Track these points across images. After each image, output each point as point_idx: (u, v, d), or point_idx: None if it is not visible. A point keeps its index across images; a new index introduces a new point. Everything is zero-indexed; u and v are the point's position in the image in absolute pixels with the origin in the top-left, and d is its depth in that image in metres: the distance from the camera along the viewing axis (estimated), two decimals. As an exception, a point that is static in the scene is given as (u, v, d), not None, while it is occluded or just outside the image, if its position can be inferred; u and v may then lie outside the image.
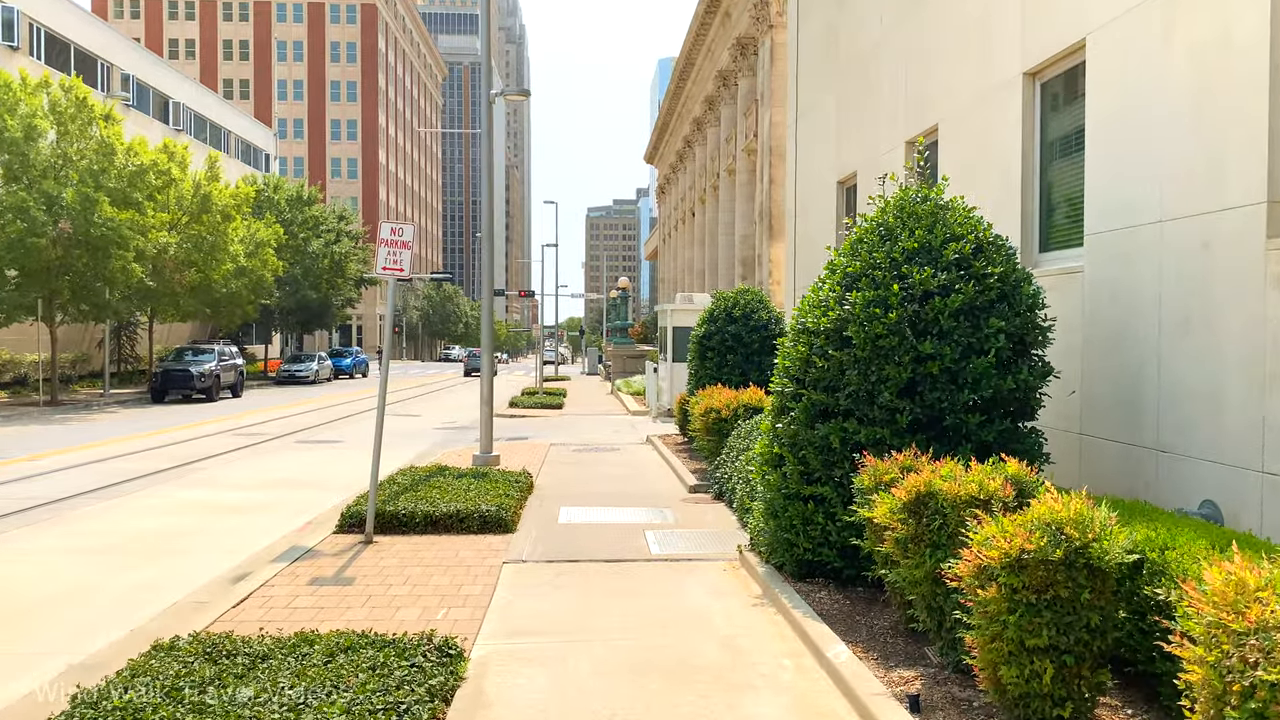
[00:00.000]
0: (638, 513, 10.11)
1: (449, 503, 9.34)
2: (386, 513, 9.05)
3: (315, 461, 16.12)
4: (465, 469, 11.74)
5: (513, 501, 9.66)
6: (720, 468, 11.11)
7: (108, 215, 27.81)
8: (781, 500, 6.78)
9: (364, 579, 7.28)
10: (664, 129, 58.53)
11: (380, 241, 8.66)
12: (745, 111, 31.75)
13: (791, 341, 6.84)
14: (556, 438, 19.24)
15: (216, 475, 14.15)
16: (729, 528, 9.33)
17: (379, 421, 9.04)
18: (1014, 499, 4.66)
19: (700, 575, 7.45)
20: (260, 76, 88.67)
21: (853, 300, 6.38)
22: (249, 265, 39.62)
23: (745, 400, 11.76)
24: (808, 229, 16.34)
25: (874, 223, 6.84)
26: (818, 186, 15.60)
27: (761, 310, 15.34)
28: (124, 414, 26.88)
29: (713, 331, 15.21)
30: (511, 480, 10.91)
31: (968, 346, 6.21)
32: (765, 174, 26.78)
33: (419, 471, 11.58)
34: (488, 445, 14.21)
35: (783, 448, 6.77)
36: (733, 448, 10.98)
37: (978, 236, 6.54)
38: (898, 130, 11.81)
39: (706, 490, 11.34)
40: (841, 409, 6.43)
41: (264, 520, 10.48)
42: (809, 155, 16.32)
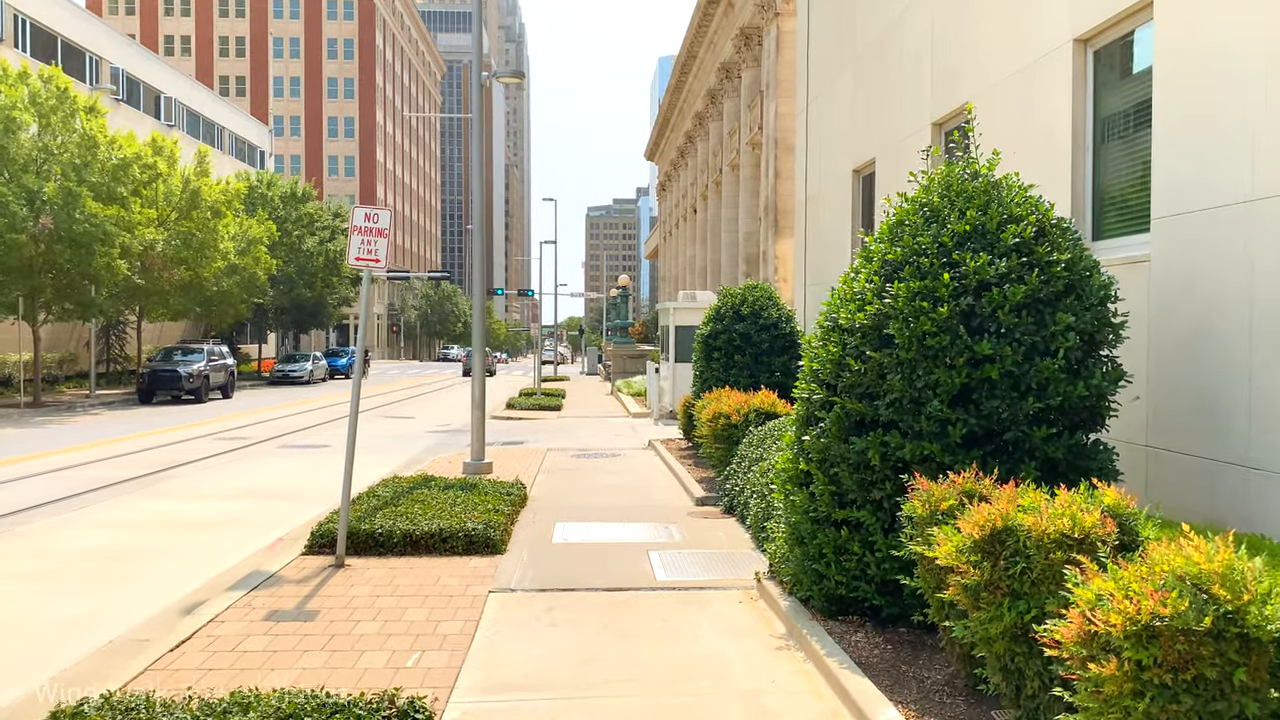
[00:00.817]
0: (640, 529, 9.17)
1: (431, 520, 8.41)
2: (361, 532, 8.12)
3: (297, 468, 15.18)
4: (453, 479, 10.81)
5: (502, 518, 8.73)
6: (730, 478, 10.18)
7: (90, 210, 26.88)
8: (809, 525, 5.84)
9: (328, 612, 6.35)
10: (665, 124, 57.55)
11: (353, 229, 7.73)
12: (749, 104, 30.79)
13: (820, 340, 5.91)
14: (554, 442, 18.32)
15: (189, 484, 13.23)
16: (742, 547, 8.40)
17: (351, 433, 8.12)
18: (1116, 537, 3.72)
19: (714, 608, 6.52)
20: (256, 73, 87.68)
21: (895, 292, 5.45)
22: (241, 263, 38.69)
23: (757, 405, 10.83)
24: (819, 222, 15.41)
25: (916, 203, 5.91)
26: (831, 176, 14.67)
27: (771, 308, 14.40)
28: (107, 416, 25.96)
29: (719, 330, 14.27)
30: (502, 492, 9.98)
31: (1031, 347, 5.28)
32: (771, 167, 25.83)
33: (402, 482, 10.65)
34: (479, 452, 13.28)
35: (810, 464, 5.84)
36: (744, 456, 10.05)
37: (1039, 218, 5.61)
38: (923, 112, 10.88)
39: (715, 503, 10.41)
40: (881, 419, 5.49)
41: (231, 537, 9.55)
42: (821, 144, 15.40)
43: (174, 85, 49.49)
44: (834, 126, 14.65)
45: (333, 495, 12.07)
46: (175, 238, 33.23)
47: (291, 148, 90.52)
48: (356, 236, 7.70)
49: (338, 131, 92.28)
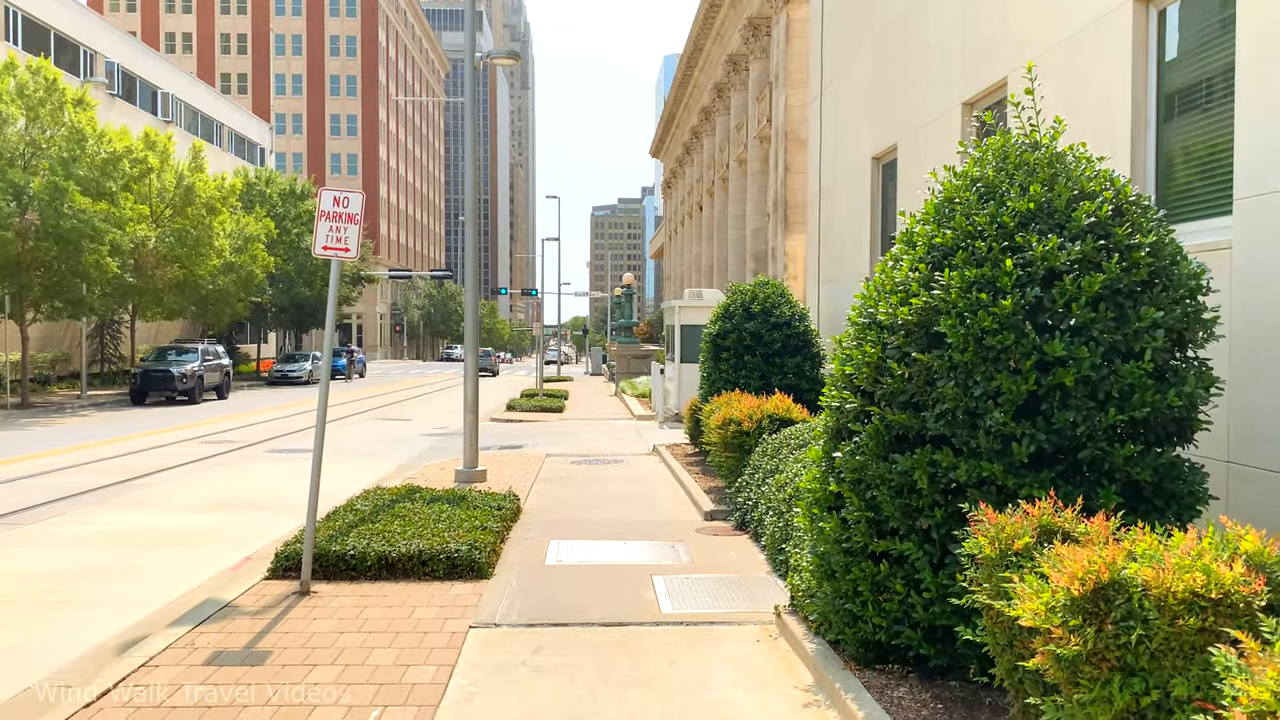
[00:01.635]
0: (644, 548, 8.31)
1: (411, 539, 7.55)
2: (331, 554, 7.26)
3: (282, 475, 14.34)
4: (441, 490, 9.95)
5: (490, 536, 7.86)
6: (742, 490, 9.31)
7: (79, 206, 26.07)
8: (841, 556, 4.97)
9: (282, 654, 5.49)
10: (670, 120, 56.63)
11: (320, 215, 6.87)
12: (758, 96, 29.89)
13: (854, 340, 5.03)
14: (554, 446, 17.46)
15: (163, 493, 12.39)
16: (757, 570, 7.52)
17: (317, 448, 7.26)
18: (1266, 597, 2.84)
19: (728, 648, 5.65)
20: (258, 71, 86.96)
21: (946, 282, 4.57)
22: (237, 261, 37.92)
23: (771, 410, 9.95)
24: (834, 214, 14.53)
25: (967, 178, 5.03)
26: (848, 165, 13.78)
27: (784, 305, 13.52)
28: (96, 418, 25.17)
29: (728, 329, 13.39)
30: (493, 506, 9.11)
31: (1111, 347, 4.40)
32: (780, 161, 24.95)
33: (385, 494, 9.78)
34: (472, 459, 12.43)
35: (843, 485, 4.97)
36: (757, 467, 9.17)
37: (1115, 194, 4.73)
38: (951, 92, 10.00)
39: (725, 517, 9.53)
40: (930, 434, 4.62)
41: (196, 555, 8.71)
42: (836, 132, 14.52)
43: (172, 81, 48.73)
44: (851, 113, 13.77)
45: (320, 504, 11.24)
46: (169, 235, 32.46)
47: (294, 145, 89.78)
48: (324, 223, 6.85)
49: (340, 129, 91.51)
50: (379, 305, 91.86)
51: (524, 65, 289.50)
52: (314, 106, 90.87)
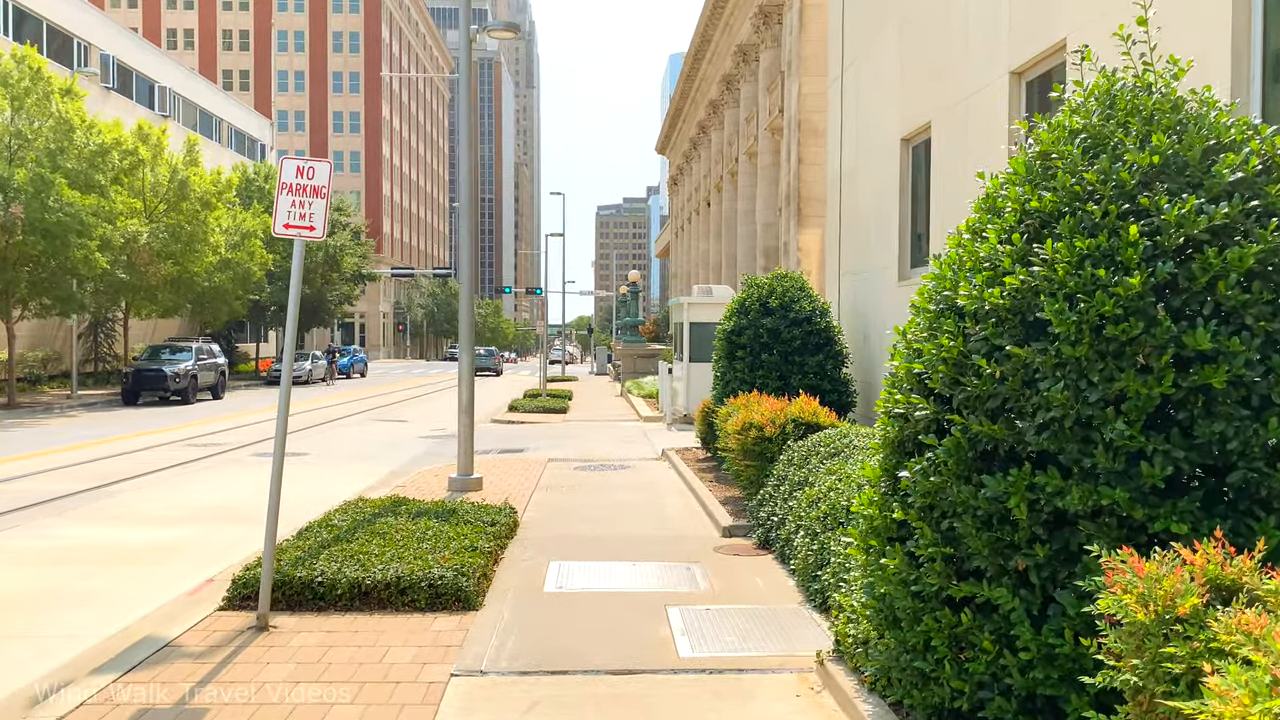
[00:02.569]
0: (656, 571, 7.32)
1: (390, 562, 6.58)
2: (296, 581, 6.29)
3: (267, 481, 13.37)
4: (430, 503, 8.97)
5: (481, 559, 6.88)
6: (765, 504, 8.32)
7: (66, 199, 25.16)
8: (908, 601, 3.98)
9: (219, 712, 4.52)
10: (677, 115, 55.60)
11: (282, 188, 5.89)
12: (769, 86, 28.88)
13: (926, 331, 4.04)
14: (556, 450, 16.49)
15: (135, 501, 11.45)
16: (787, 600, 6.53)
17: (276, 461, 6.29)
18: None
19: (763, 706, 4.66)
20: (260, 67, 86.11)
21: (1050, 256, 3.58)
22: (234, 258, 37.02)
23: (795, 414, 8.96)
24: (857, 201, 13.54)
25: (1064, 129, 4.04)
26: (873, 148, 12.79)
27: (803, 300, 12.53)
28: (84, 418, 24.28)
29: (744, 326, 12.40)
30: (486, 521, 8.14)
31: (1268, 338, 3.41)
32: (793, 152, 23.95)
33: (367, 507, 8.81)
34: (467, 465, 11.47)
35: (911, 512, 3.98)
36: (782, 478, 8.19)
37: (1261, 145, 3.74)
38: (997, 61, 9.00)
39: (746, 534, 8.55)
40: (1029, 449, 3.63)
41: (152, 577, 7.75)
42: (859, 113, 13.52)
43: (170, 75, 47.86)
44: (876, 91, 12.78)
45: (297, 516, 10.29)
46: (163, 230, 31.56)
47: (296, 143, 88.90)
48: (286, 197, 5.87)
49: (343, 127, 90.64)
50: (382, 304, 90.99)
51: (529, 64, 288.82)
52: (316, 103, 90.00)
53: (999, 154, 8.97)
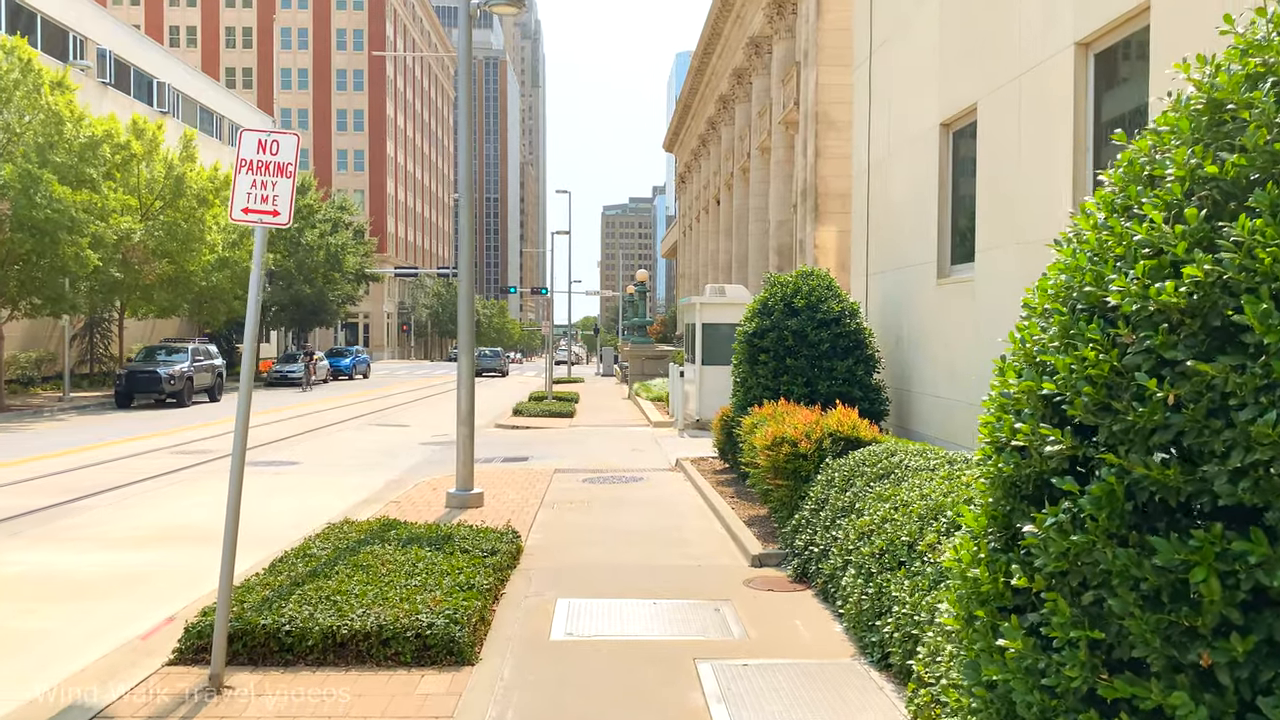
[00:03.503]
0: (680, 611, 6.36)
1: (372, 605, 5.63)
2: (260, 629, 5.34)
3: (251, 494, 12.38)
4: (422, 527, 8.01)
5: (477, 600, 5.92)
6: (802, 531, 7.35)
7: (55, 194, 24.27)
8: (1037, 696, 3.00)
9: (143, 822, 3.57)
10: (685, 111, 54.57)
11: (239, 165, 4.94)
12: (783, 78, 27.88)
13: (1059, 338, 3.07)
14: (563, 459, 15.53)
15: (102, 520, 10.52)
16: (838, 652, 5.56)
17: (232, 494, 5.36)
18: None
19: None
20: (263, 65, 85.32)
21: (1245, 236, 2.61)
22: (232, 256, 36.11)
23: (833, 427, 7.99)
24: (888, 192, 12.56)
25: (1239, 73, 3.05)
26: (907, 135, 11.81)
27: (831, 299, 11.56)
28: (73, 422, 23.42)
29: (767, 327, 11.43)
30: (485, 550, 7.18)
31: None
32: (809, 145, 22.96)
33: (352, 531, 7.86)
34: (466, 479, 10.52)
35: (1039, 578, 3.00)
36: (822, 501, 7.22)
37: None
38: (1058, 33, 8.02)
39: (780, 563, 7.58)
40: (1219, 502, 2.65)
41: (103, 615, 6.83)
42: (891, 98, 12.55)
43: (170, 71, 47.02)
44: (910, 76, 11.81)
45: (278, 537, 9.39)
46: (158, 228, 30.69)
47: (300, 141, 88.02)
48: (245, 176, 4.93)
49: (347, 125, 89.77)
50: (386, 304, 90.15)
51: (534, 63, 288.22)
52: (320, 102, 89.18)
53: (1060, 135, 8.00)
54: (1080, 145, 7.72)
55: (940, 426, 10.46)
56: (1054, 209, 8.01)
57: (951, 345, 10.29)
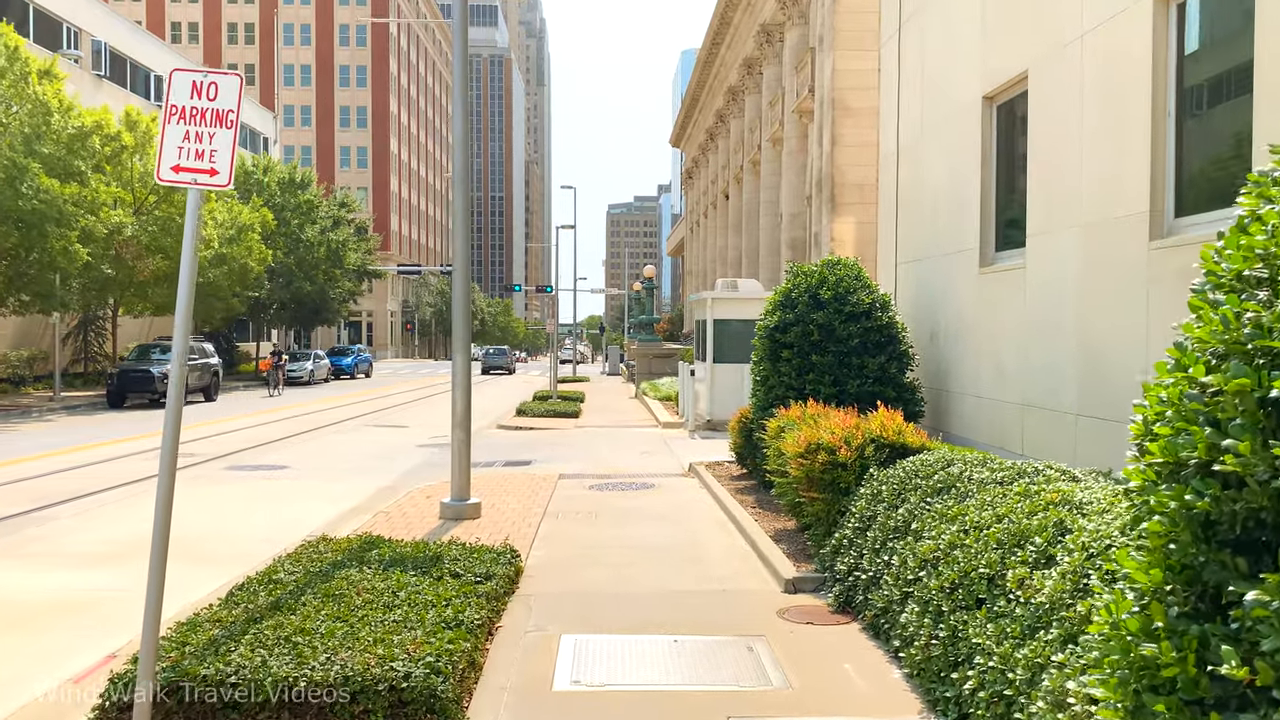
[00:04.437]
0: (705, 650, 5.41)
1: (341, 647, 4.68)
2: (200, 681, 4.39)
3: (233, 501, 11.56)
4: (408, 545, 7.06)
5: (467, 639, 4.98)
6: (843, 552, 6.39)
7: (43, 185, 23.41)
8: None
9: None
10: (693, 105, 53.56)
11: (170, 113, 4.00)
12: (797, 66, 26.89)
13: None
14: (568, 463, 14.60)
15: (64, 531, 9.62)
16: (900, 706, 4.61)
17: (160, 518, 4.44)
18: None
19: None
20: (265, 61, 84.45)
21: None
22: (230, 253, 35.25)
23: (876, 432, 7.03)
24: (921, 176, 11.59)
25: None
26: (943, 112, 10.84)
27: (860, 290, 10.57)
28: (61, 423, 22.55)
29: (790, 321, 10.45)
30: (478, 574, 6.24)
31: None
32: (825, 133, 21.97)
33: (328, 551, 6.91)
34: (462, 488, 9.58)
35: (1264, 666, 2.04)
36: (869, 518, 6.27)
37: None
38: (1129, -18, 7.04)
39: (817, 589, 6.61)
40: None
41: (42, 647, 5.93)
42: (924, 72, 11.57)
43: (167, 64, 46.03)
44: (945, 45, 10.83)
45: (254, 551, 8.49)
46: (152, 223, 29.82)
47: (302, 138, 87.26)
48: (177, 126, 3.99)
49: (350, 121, 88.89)
50: (389, 303, 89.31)
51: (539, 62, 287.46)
52: (323, 98, 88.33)
53: (1133, 101, 7.04)
54: (1160, 111, 6.75)
55: (986, 430, 9.50)
56: (1125, 185, 7.05)
57: (997, 340, 9.33)
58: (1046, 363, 8.23)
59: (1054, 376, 8.08)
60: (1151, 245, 6.72)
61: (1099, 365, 7.36)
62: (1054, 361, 8.09)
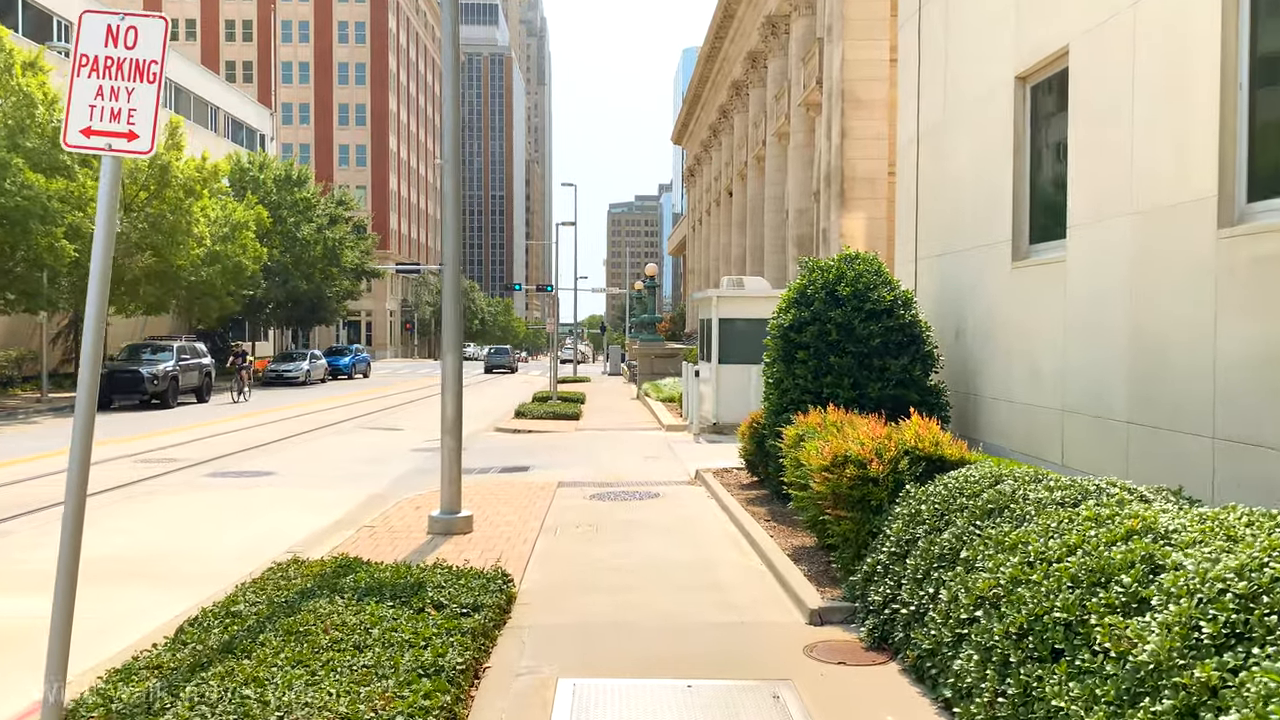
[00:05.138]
0: (724, 702, 4.68)
1: (295, 707, 3.96)
2: (122, 749, 3.67)
3: (208, 511, 10.83)
4: (389, 568, 6.33)
5: (447, 691, 4.25)
6: (878, 580, 5.65)
7: (27, 180, 22.68)
8: None
9: None
10: (695, 101, 52.77)
11: (80, 63, 3.28)
12: (804, 57, 26.13)
13: None
14: (568, 469, 13.88)
15: (16, 548, 8.94)
16: (957, 774, 3.86)
17: (66, 554, 3.72)
18: None
19: None
20: (264, 58, 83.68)
21: None
22: (223, 250, 34.53)
23: (911, 442, 6.29)
24: (944, 164, 10.85)
25: None
26: (971, 95, 10.10)
27: (881, 286, 9.83)
28: (45, 425, 21.85)
29: (806, 320, 9.72)
30: (464, 605, 5.52)
31: None
32: (834, 127, 21.23)
33: (300, 575, 6.19)
34: (452, 500, 8.86)
35: None
36: (909, 542, 5.53)
37: None
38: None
39: (846, 620, 5.88)
40: None
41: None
42: (948, 53, 10.83)
43: (161, 59, 45.35)
44: (972, 24, 10.09)
45: (231, 567, 7.80)
46: (142, 220, 29.09)
47: (301, 136, 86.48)
48: (89, 80, 3.26)
49: (349, 119, 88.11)
50: (389, 302, 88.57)
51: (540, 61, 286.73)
52: (321, 96, 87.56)
53: (1197, 72, 6.31)
54: (1230, 82, 6.01)
55: (1019, 437, 8.77)
56: (1188, 168, 6.32)
57: (1032, 340, 8.60)
58: (1090, 364, 7.51)
59: (1099, 379, 7.36)
60: (1220, 233, 5.98)
61: (1155, 367, 6.63)
62: (1099, 363, 7.36)
